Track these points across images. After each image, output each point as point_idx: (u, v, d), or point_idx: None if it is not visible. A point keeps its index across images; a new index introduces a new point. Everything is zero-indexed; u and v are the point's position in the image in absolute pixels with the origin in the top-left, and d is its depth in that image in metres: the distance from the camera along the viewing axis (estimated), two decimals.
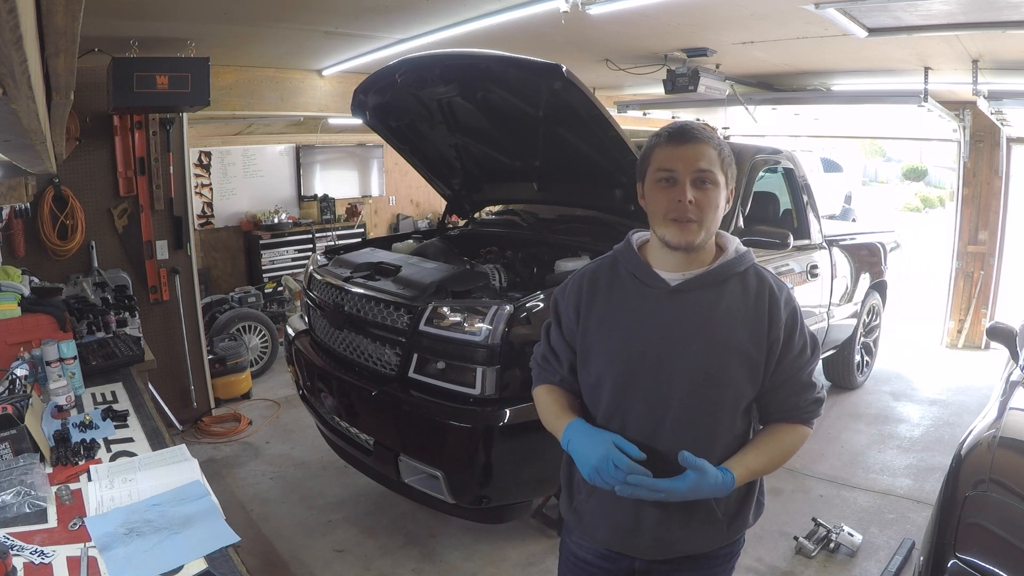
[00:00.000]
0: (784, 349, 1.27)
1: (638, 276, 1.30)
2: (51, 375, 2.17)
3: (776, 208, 3.93)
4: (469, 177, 3.68)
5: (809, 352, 1.32)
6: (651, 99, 6.28)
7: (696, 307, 1.26)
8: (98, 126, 3.82)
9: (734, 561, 1.43)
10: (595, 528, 1.36)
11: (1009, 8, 2.86)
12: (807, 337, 1.32)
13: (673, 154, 1.24)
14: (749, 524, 1.38)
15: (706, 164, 1.22)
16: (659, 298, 1.27)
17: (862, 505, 3.27)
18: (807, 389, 1.31)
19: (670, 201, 1.23)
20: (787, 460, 1.35)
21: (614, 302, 1.31)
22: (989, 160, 5.70)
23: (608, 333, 1.30)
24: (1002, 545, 1.63)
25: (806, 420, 1.33)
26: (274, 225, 6.37)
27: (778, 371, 1.28)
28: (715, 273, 1.27)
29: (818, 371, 1.40)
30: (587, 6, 2.94)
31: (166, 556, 1.34)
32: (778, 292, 1.30)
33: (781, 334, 1.27)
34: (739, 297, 1.27)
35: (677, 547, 1.32)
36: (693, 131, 1.25)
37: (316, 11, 3.21)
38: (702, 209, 1.22)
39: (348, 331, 2.78)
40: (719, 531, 1.32)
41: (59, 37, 0.73)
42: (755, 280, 1.30)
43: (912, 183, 22.02)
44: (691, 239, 1.23)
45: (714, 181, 1.23)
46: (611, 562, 1.38)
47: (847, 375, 4.79)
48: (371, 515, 3.20)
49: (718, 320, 1.25)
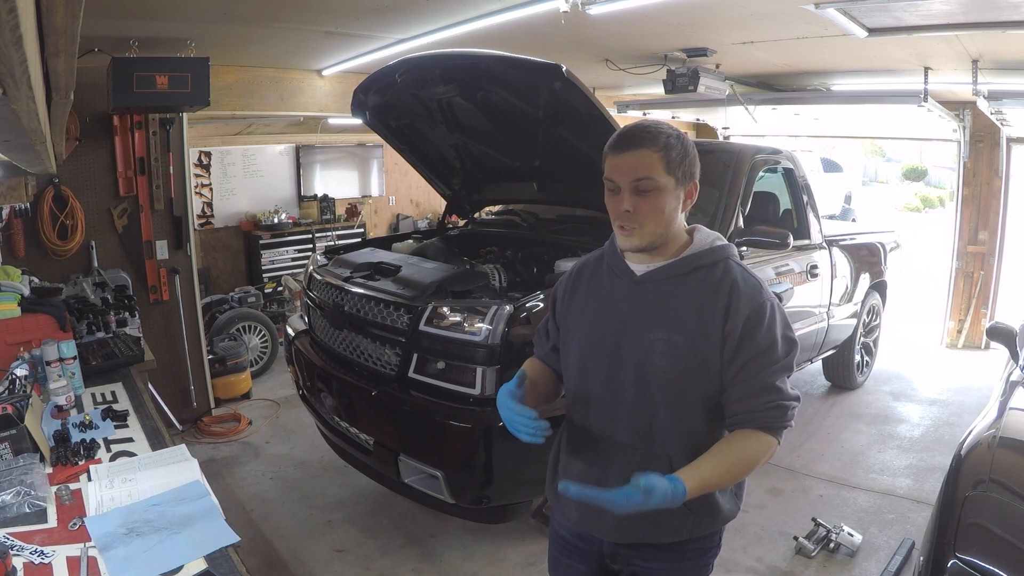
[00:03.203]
0: (741, 345, 1.24)
1: (612, 268, 1.38)
2: (51, 375, 2.17)
3: (776, 208, 3.93)
4: (469, 177, 3.68)
5: (779, 354, 1.25)
6: (651, 99, 6.28)
7: (655, 297, 1.30)
8: (98, 126, 3.82)
9: (707, 558, 1.41)
10: (568, 508, 1.42)
11: (1009, 8, 2.86)
12: (777, 339, 1.26)
13: (615, 163, 1.27)
14: (718, 524, 1.37)
15: (644, 171, 1.24)
16: (625, 288, 1.34)
17: (862, 505, 3.28)
18: (767, 392, 1.24)
19: (615, 209, 1.28)
20: (748, 471, 1.28)
21: (591, 292, 1.40)
22: (989, 160, 5.70)
23: (581, 320, 1.39)
24: (1002, 545, 1.63)
25: (768, 428, 1.25)
26: (274, 225, 6.36)
27: (734, 367, 1.25)
28: (677, 265, 1.31)
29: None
30: (587, 6, 2.94)
31: (166, 556, 1.34)
32: (742, 286, 1.27)
33: (738, 329, 1.24)
34: (700, 289, 1.28)
35: (639, 533, 1.34)
36: (633, 137, 1.26)
37: (316, 11, 3.20)
38: (642, 215, 1.25)
39: (348, 331, 2.78)
40: (683, 524, 1.32)
41: (59, 37, 0.73)
42: (721, 274, 1.29)
43: (912, 183, 22.02)
44: (634, 243, 1.29)
45: (656, 187, 1.24)
46: (584, 542, 1.45)
47: (847, 375, 4.79)
48: (371, 515, 3.20)
49: (672, 310, 1.28)
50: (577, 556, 1.47)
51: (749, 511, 3.21)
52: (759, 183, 3.61)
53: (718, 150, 4.13)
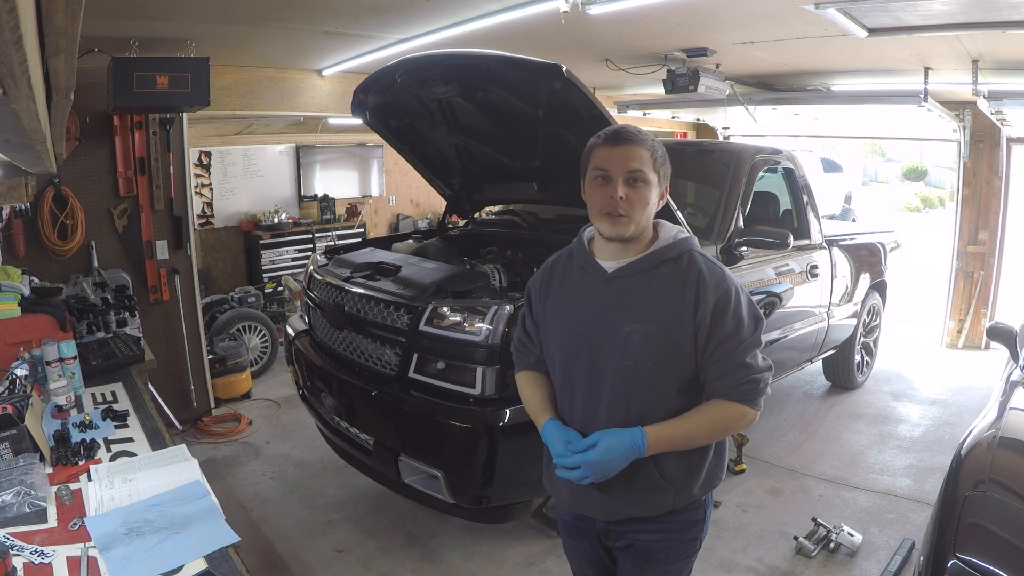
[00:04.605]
0: (712, 330, 1.35)
1: (583, 266, 1.46)
2: (51, 375, 2.17)
3: (776, 208, 3.93)
4: (469, 177, 3.68)
5: (746, 334, 1.37)
6: (651, 99, 6.28)
7: (628, 292, 1.39)
8: (98, 126, 3.82)
9: (695, 530, 1.51)
10: (560, 493, 1.55)
11: (1009, 8, 2.86)
12: (743, 318, 1.37)
13: (608, 155, 1.37)
14: (698, 494, 1.47)
15: (638, 164, 1.35)
16: (598, 284, 1.42)
17: (862, 505, 3.28)
18: (740, 368, 1.36)
19: (604, 197, 1.37)
20: (718, 435, 1.43)
21: (564, 290, 1.48)
22: (989, 160, 5.70)
23: (558, 317, 1.48)
24: (1002, 545, 1.63)
25: (743, 399, 1.37)
26: (274, 225, 6.36)
27: (708, 351, 1.36)
28: (646, 260, 1.40)
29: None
30: (587, 6, 2.94)
31: (166, 556, 1.34)
32: (707, 276, 1.37)
33: (708, 316, 1.35)
34: (669, 282, 1.38)
35: (623, 510, 1.45)
36: (628, 134, 1.38)
37: (316, 11, 3.20)
38: (632, 205, 1.35)
39: (348, 331, 2.78)
40: (664, 498, 1.43)
41: (59, 37, 0.73)
42: (687, 265, 1.39)
43: (912, 183, 22.02)
44: (622, 231, 1.37)
45: (645, 179, 1.36)
46: (580, 521, 1.56)
47: (847, 375, 4.79)
48: (371, 515, 3.20)
49: (646, 303, 1.37)
50: (578, 535, 1.59)
51: (749, 511, 3.22)
52: (759, 183, 3.61)
53: (718, 150, 4.14)
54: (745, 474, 3.57)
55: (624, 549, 1.52)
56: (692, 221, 3.03)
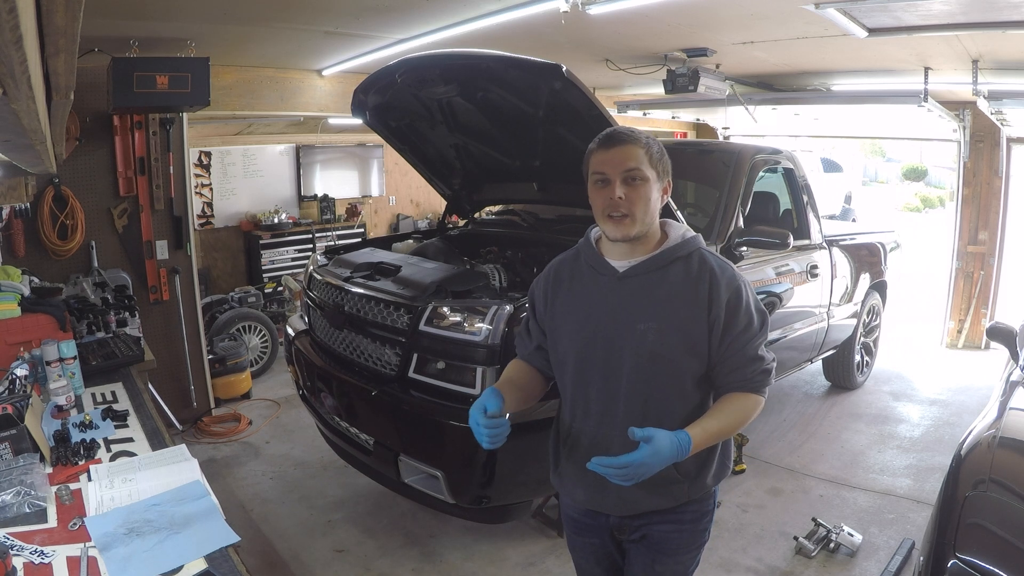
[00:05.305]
0: (727, 327, 1.39)
1: (593, 266, 1.47)
2: (51, 375, 2.17)
3: (776, 208, 3.93)
4: (469, 177, 3.68)
5: (756, 328, 1.42)
6: (651, 99, 6.28)
7: (641, 290, 1.41)
8: (98, 126, 3.82)
9: (706, 521, 1.54)
10: (573, 490, 1.54)
11: (1009, 8, 2.86)
12: (753, 314, 1.42)
13: (604, 158, 1.39)
14: (710, 484, 1.50)
15: (634, 163, 1.37)
16: (610, 284, 1.44)
17: (862, 505, 3.27)
18: (753, 362, 1.41)
19: (605, 199, 1.39)
20: (742, 425, 1.45)
21: (575, 290, 1.49)
22: (989, 160, 5.70)
23: (570, 317, 1.48)
24: (1002, 545, 1.63)
25: (756, 389, 1.43)
26: (274, 225, 6.36)
27: (723, 346, 1.40)
28: (658, 259, 1.42)
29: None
30: (587, 6, 2.94)
31: (166, 556, 1.34)
32: (719, 274, 1.41)
33: (722, 313, 1.38)
34: (681, 279, 1.41)
35: (641, 505, 1.47)
36: (620, 134, 1.40)
37: (316, 11, 3.20)
38: (633, 203, 1.37)
39: (348, 331, 2.78)
40: (680, 490, 1.46)
41: (59, 37, 0.73)
42: (698, 263, 1.42)
43: (912, 183, 22.01)
44: (626, 232, 1.38)
45: (643, 177, 1.38)
46: (592, 518, 1.57)
47: (847, 375, 4.79)
48: (371, 515, 3.20)
49: (660, 301, 1.39)
50: (589, 532, 1.60)
51: (749, 511, 3.22)
52: (759, 183, 3.61)
53: (718, 150, 4.13)
54: (745, 474, 3.57)
55: (637, 541, 1.54)
56: (692, 221, 3.02)
